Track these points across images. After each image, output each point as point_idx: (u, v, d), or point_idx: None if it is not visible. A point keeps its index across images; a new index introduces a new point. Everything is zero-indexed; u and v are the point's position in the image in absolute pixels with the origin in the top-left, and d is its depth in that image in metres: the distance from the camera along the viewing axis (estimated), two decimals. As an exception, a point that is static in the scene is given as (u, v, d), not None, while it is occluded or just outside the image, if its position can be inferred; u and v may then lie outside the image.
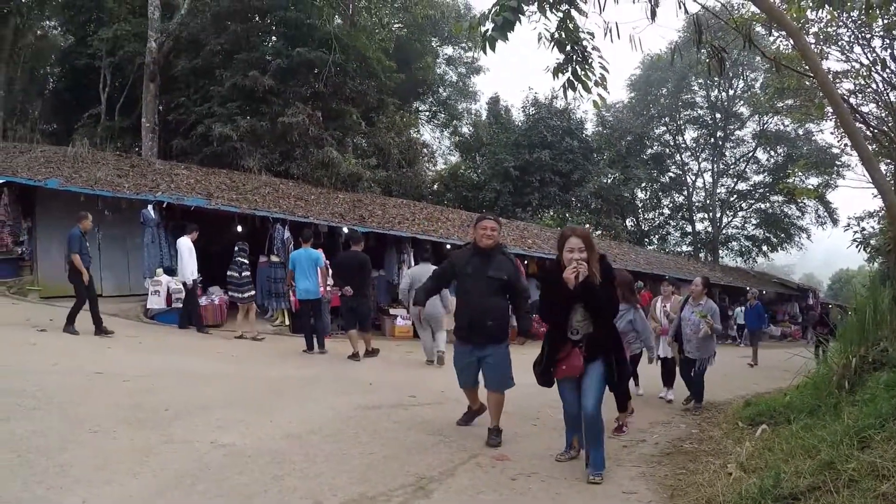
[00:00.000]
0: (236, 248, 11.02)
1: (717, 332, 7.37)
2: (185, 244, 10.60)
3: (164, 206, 12.51)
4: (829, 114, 14.31)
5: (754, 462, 4.08)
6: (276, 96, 18.52)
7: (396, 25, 25.61)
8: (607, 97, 6.81)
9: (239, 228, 13.46)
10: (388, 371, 8.56)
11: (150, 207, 12.22)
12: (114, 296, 13.06)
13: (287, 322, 12.44)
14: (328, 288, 10.62)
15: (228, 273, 10.91)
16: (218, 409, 5.39)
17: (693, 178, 36.85)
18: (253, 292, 11.13)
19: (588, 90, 6.47)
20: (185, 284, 10.79)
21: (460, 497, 3.79)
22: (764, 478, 3.44)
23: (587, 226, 30.44)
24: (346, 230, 13.95)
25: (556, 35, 6.13)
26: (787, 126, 30.70)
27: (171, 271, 11.87)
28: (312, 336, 9.73)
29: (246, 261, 11.00)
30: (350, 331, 9.29)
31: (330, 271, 10.19)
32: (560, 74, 6.41)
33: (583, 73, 6.37)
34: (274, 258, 12.79)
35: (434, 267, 7.64)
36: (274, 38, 20.97)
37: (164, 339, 9.65)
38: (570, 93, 6.51)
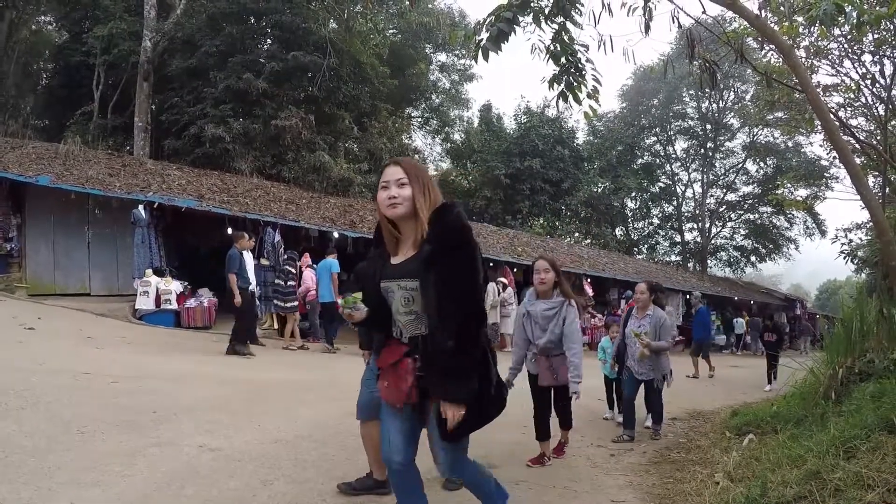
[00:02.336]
0: (285, 257, 10.96)
1: (662, 350, 6.08)
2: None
3: (155, 206, 12.47)
4: (819, 127, 14.46)
5: (741, 471, 4.11)
6: (270, 99, 18.49)
7: (391, 31, 25.67)
8: (599, 109, 6.88)
9: (229, 231, 13.42)
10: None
11: (140, 207, 12.17)
12: (102, 295, 13.00)
13: (276, 326, 12.40)
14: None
15: (275, 282, 10.88)
16: (207, 411, 5.36)
17: (683, 188, 37.14)
18: (296, 302, 11.13)
19: (579, 102, 6.53)
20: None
21: (449, 503, 3.79)
22: (751, 487, 3.46)
23: (576, 234, 30.68)
24: (335, 235, 13.96)
25: (551, 47, 6.19)
26: (777, 138, 30.98)
27: (160, 272, 11.82)
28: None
29: (294, 270, 10.93)
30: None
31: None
32: (555, 85, 6.46)
33: (576, 84, 6.44)
34: (264, 261, 12.76)
35: None
36: (269, 41, 20.95)
37: (153, 341, 9.59)
38: (562, 103, 6.58)
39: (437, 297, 2.47)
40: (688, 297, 21.77)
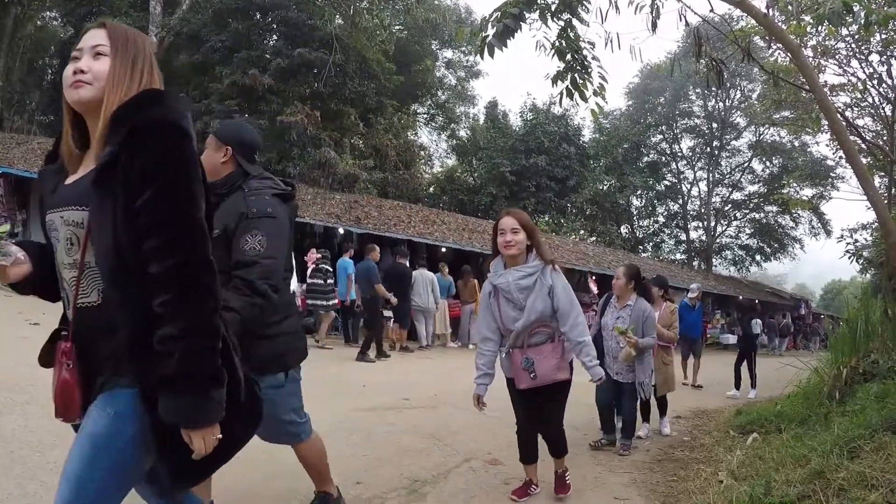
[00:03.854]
0: (318, 256, 10.99)
1: (648, 348, 5.32)
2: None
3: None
4: (825, 127, 14.42)
5: (745, 470, 4.12)
6: (276, 95, 18.53)
7: (397, 28, 25.65)
8: (605, 106, 6.87)
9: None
10: (380, 373, 8.57)
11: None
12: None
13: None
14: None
15: (311, 280, 10.88)
16: (212, 406, 5.37)
17: (688, 186, 37.01)
18: (336, 300, 11.19)
19: (585, 99, 6.53)
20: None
21: (453, 501, 3.80)
22: (754, 486, 3.47)
23: (582, 232, 30.65)
24: (340, 231, 13.98)
25: (557, 44, 6.18)
26: (783, 137, 30.85)
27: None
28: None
29: (330, 268, 10.98)
30: (399, 328, 11.68)
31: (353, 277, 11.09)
32: (559, 82, 6.46)
33: (581, 82, 6.43)
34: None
35: (432, 274, 8.63)
36: (275, 36, 20.98)
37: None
38: (567, 100, 6.58)
39: (117, 239, 1.52)
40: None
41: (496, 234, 3.64)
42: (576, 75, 6.45)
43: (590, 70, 6.46)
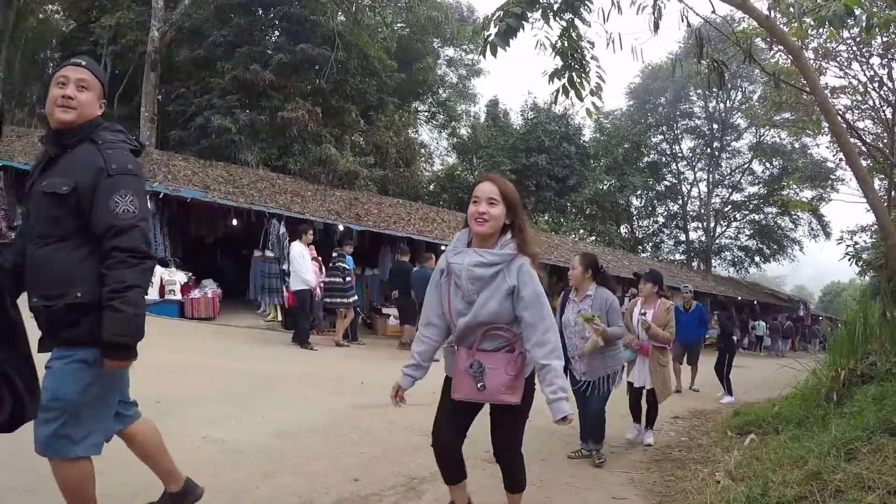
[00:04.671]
0: (334, 255, 11.02)
1: (616, 338, 4.85)
2: (297, 249, 10.25)
3: (160, 196, 12.49)
4: (826, 129, 14.44)
5: (742, 471, 4.13)
6: (277, 91, 18.50)
7: (399, 25, 25.66)
8: (601, 106, 6.87)
9: (234, 222, 13.47)
10: (379, 370, 8.57)
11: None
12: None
13: (280, 318, 12.44)
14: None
15: (329, 279, 10.89)
16: (209, 403, 5.40)
17: (688, 187, 37.08)
18: (356, 297, 11.22)
19: (581, 98, 6.53)
20: (298, 293, 10.33)
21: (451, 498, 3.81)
22: (752, 486, 3.48)
23: (581, 231, 30.65)
24: (340, 227, 13.99)
25: (559, 44, 6.18)
26: (784, 139, 30.93)
27: (164, 263, 11.85)
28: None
29: (347, 266, 11.01)
30: (404, 325, 11.70)
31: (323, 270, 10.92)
32: (556, 79, 6.46)
33: (579, 80, 6.44)
34: (269, 253, 12.78)
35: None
36: (276, 32, 20.97)
37: (156, 331, 9.59)
38: (564, 99, 6.58)
39: None
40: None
41: (471, 203, 2.92)
42: (573, 74, 6.45)
43: (587, 69, 6.47)
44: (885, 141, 14.63)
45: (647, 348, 5.71)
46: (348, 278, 10.89)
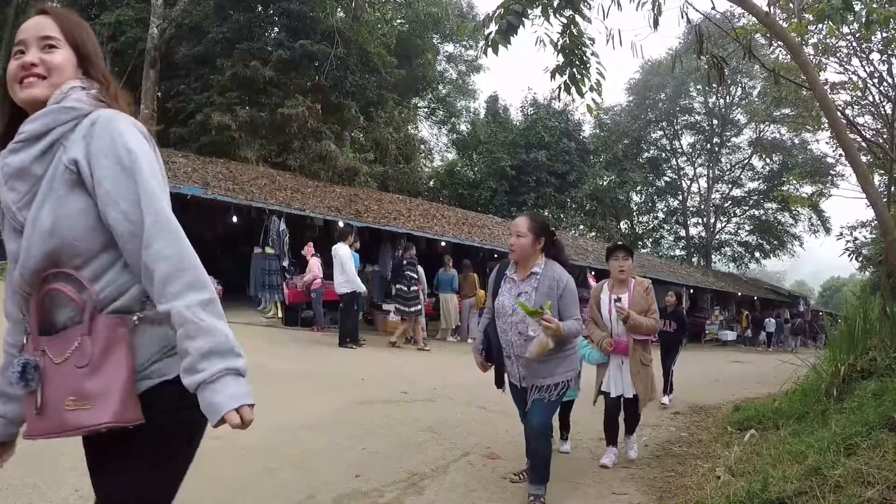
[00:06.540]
0: (405, 262, 11.07)
1: (572, 336, 3.53)
2: (345, 251, 10.18)
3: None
4: (825, 125, 14.44)
5: (742, 466, 4.14)
6: (277, 87, 18.48)
7: (399, 21, 25.61)
8: (601, 102, 6.89)
9: (234, 219, 13.45)
10: (379, 367, 8.60)
11: (146, 195, 12.17)
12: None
13: (280, 314, 12.44)
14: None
15: (397, 286, 11.00)
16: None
17: (688, 182, 37.09)
18: (420, 307, 11.32)
19: (581, 95, 6.55)
20: (342, 296, 10.21)
21: (452, 494, 3.82)
22: (752, 482, 3.49)
23: (581, 227, 30.65)
24: (340, 224, 13.98)
25: (560, 40, 6.19)
26: (784, 134, 30.90)
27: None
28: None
29: (415, 275, 11.05)
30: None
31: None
32: (559, 76, 6.47)
33: (580, 77, 6.45)
34: (269, 250, 12.77)
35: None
36: (276, 29, 20.92)
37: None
38: (565, 95, 6.60)
39: None
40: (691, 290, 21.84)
41: None
42: (574, 70, 6.46)
43: (588, 66, 6.48)
44: (884, 136, 14.65)
45: (626, 345, 4.60)
46: (413, 287, 10.94)
